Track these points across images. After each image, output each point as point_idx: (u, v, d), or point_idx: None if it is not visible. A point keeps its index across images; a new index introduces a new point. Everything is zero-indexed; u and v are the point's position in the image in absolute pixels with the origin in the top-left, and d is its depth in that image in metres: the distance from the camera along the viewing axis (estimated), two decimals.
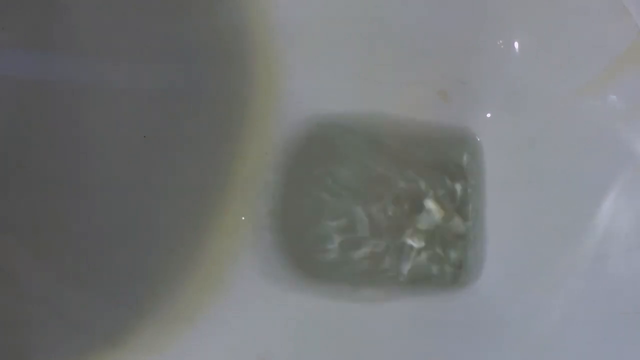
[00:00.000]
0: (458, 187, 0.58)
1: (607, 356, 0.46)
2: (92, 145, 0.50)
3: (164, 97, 0.53)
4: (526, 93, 0.55)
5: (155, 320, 0.49)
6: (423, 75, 0.57)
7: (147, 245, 0.51)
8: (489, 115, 0.57)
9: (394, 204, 0.57)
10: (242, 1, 0.53)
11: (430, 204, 0.57)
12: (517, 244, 0.55)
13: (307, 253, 0.55)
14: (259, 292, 0.52)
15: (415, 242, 0.56)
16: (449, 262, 0.56)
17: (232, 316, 0.51)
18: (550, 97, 0.53)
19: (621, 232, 0.48)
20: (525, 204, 0.55)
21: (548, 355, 0.49)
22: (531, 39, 0.54)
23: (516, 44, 0.55)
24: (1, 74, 0.48)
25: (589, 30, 0.50)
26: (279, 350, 0.51)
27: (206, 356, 0.49)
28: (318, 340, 0.52)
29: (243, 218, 0.54)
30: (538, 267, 0.52)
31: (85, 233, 0.49)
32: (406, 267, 0.56)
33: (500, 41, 0.55)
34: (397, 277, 0.56)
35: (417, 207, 0.57)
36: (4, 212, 0.47)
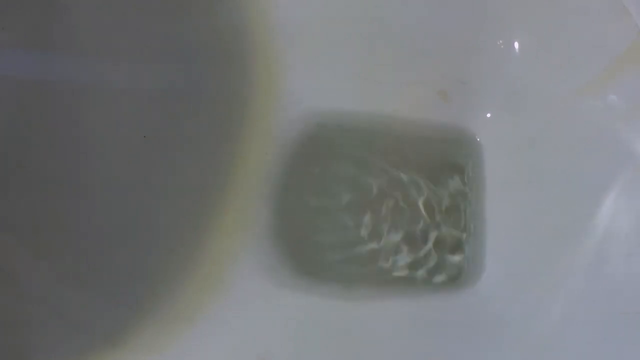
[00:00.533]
0: (458, 187, 0.58)
1: (607, 356, 0.46)
2: (92, 145, 0.50)
3: (164, 97, 0.53)
4: (526, 93, 0.55)
5: (155, 320, 0.49)
6: (423, 75, 0.57)
7: (147, 245, 0.51)
8: (489, 115, 0.57)
9: (394, 204, 0.57)
10: (242, 1, 0.53)
11: (430, 204, 0.57)
12: (517, 244, 0.55)
13: (307, 253, 0.55)
14: (259, 292, 0.52)
15: (415, 242, 0.56)
16: (449, 262, 0.56)
17: (232, 316, 0.51)
18: (550, 97, 0.53)
19: (621, 232, 0.48)
20: (525, 204, 0.55)
21: (548, 355, 0.49)
22: (531, 39, 0.54)
23: (516, 44, 0.55)
24: (1, 74, 0.48)
25: (589, 30, 0.50)
26: (279, 350, 0.51)
27: (206, 356, 0.49)
28: (318, 340, 0.52)
29: (243, 218, 0.54)
30: (538, 267, 0.52)
31: (85, 233, 0.49)
32: (406, 267, 0.56)
33: (500, 41, 0.55)
34: (397, 277, 0.56)
35: (418, 207, 0.57)
36: (4, 212, 0.47)
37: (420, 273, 0.56)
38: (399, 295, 0.55)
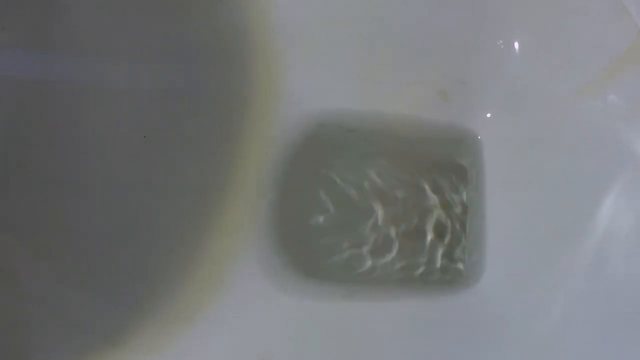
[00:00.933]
0: (458, 187, 0.58)
1: (607, 356, 0.46)
2: (92, 145, 0.50)
3: (164, 97, 0.53)
4: (526, 93, 0.55)
5: (155, 320, 0.49)
6: (423, 75, 0.57)
7: (147, 245, 0.51)
8: (489, 115, 0.57)
9: (394, 204, 0.57)
10: (242, 1, 0.53)
11: (430, 203, 0.57)
12: (517, 244, 0.55)
13: (307, 253, 0.55)
14: (259, 292, 0.52)
15: (415, 242, 0.56)
16: (449, 262, 0.56)
17: (232, 316, 0.51)
18: (550, 97, 0.53)
19: (621, 232, 0.48)
20: (525, 204, 0.55)
21: (548, 355, 0.49)
22: (531, 39, 0.54)
23: (516, 44, 0.55)
24: (1, 74, 0.48)
25: (589, 30, 0.50)
26: (279, 350, 0.51)
27: (206, 356, 0.49)
28: (318, 340, 0.52)
29: (243, 218, 0.54)
30: (538, 267, 0.52)
31: (85, 233, 0.49)
32: (406, 267, 0.56)
33: (500, 41, 0.55)
34: (398, 277, 0.55)
35: (418, 207, 0.57)
36: (4, 212, 0.47)
37: (421, 273, 0.56)
38: (399, 295, 0.55)
